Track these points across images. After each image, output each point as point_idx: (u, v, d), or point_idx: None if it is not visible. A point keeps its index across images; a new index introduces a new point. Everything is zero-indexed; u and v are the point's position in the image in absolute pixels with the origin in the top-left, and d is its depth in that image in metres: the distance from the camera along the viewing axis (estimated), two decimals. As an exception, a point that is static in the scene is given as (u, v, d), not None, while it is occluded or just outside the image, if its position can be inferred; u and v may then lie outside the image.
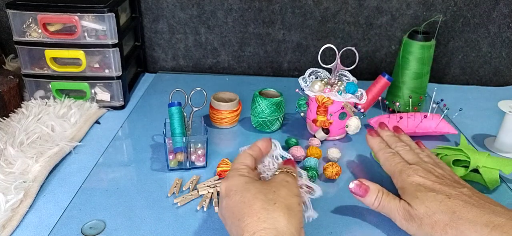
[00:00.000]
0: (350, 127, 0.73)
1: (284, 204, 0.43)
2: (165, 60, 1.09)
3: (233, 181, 0.47)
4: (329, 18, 1.01)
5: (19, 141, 0.69)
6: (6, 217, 0.54)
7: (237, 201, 0.44)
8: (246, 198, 0.44)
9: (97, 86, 0.86)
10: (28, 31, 0.80)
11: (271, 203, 0.42)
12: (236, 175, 0.48)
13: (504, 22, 0.99)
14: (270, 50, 1.06)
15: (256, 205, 0.42)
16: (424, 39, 0.81)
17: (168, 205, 0.59)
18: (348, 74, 0.76)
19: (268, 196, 0.43)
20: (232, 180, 0.47)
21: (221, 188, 0.48)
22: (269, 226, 0.40)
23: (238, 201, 0.44)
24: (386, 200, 0.52)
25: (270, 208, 0.42)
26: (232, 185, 0.47)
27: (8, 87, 0.80)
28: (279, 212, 0.41)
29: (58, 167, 0.67)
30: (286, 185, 0.46)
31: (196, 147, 0.66)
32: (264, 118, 0.76)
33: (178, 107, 0.67)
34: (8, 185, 0.58)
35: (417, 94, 0.84)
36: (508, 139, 0.73)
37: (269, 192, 0.44)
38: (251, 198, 0.43)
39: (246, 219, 0.41)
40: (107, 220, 0.55)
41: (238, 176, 0.48)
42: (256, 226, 0.40)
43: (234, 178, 0.47)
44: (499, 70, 1.05)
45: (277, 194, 0.44)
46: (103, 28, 0.80)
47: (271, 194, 0.44)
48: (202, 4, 1.00)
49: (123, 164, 0.68)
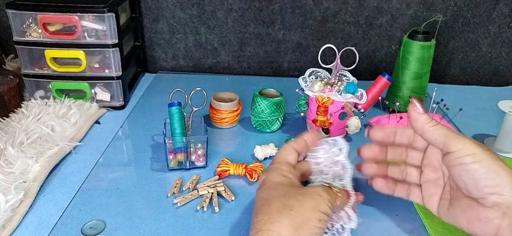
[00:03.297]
0: (350, 127, 0.73)
1: (300, 215, 0.41)
2: (165, 60, 1.09)
3: (271, 176, 0.48)
4: (329, 18, 1.01)
5: (19, 141, 0.69)
6: (6, 217, 0.54)
7: (264, 196, 0.45)
8: (270, 196, 0.44)
9: (97, 86, 0.86)
10: (28, 31, 0.80)
11: (287, 208, 0.42)
12: (276, 172, 0.48)
13: (504, 22, 0.99)
14: (270, 50, 1.06)
15: (273, 206, 0.42)
16: (424, 39, 0.81)
17: (168, 205, 0.59)
18: (348, 74, 0.76)
19: (288, 201, 0.42)
20: (270, 176, 0.48)
21: (261, 178, 0.49)
22: (274, 229, 0.40)
23: (264, 196, 0.45)
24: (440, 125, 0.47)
25: (284, 213, 0.41)
26: (268, 180, 0.47)
27: (8, 87, 0.80)
28: (289, 220, 0.41)
29: (58, 167, 0.67)
30: (316, 199, 0.43)
31: (196, 147, 0.66)
32: (264, 118, 0.76)
33: (178, 107, 0.67)
34: (8, 185, 0.58)
35: (417, 94, 0.84)
36: (508, 139, 0.73)
37: (292, 198, 0.43)
38: (273, 198, 0.44)
39: (260, 215, 0.42)
40: (107, 220, 0.55)
41: (277, 174, 0.48)
42: (263, 225, 0.40)
43: (273, 174, 0.48)
44: (499, 70, 1.05)
45: (299, 203, 0.42)
46: (103, 28, 0.80)
47: (293, 200, 0.43)
48: (202, 4, 1.00)
49: (123, 164, 0.68)
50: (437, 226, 0.55)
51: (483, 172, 0.42)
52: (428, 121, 0.47)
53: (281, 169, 0.48)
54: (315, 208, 0.42)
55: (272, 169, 0.49)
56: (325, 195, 0.44)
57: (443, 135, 0.45)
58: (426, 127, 0.47)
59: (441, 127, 0.46)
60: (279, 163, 0.50)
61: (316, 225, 0.42)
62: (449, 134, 0.45)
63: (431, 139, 0.47)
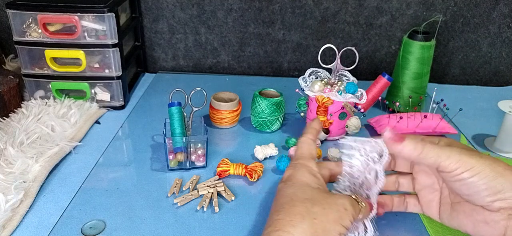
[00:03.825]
0: (350, 127, 0.73)
1: (322, 225, 0.40)
2: (165, 60, 1.09)
3: (299, 174, 0.45)
4: (329, 18, 1.01)
5: (19, 141, 0.69)
6: (6, 217, 0.54)
7: (288, 194, 0.43)
8: (295, 196, 0.42)
9: (97, 86, 0.86)
10: (28, 31, 0.80)
11: (311, 216, 0.40)
12: (304, 170, 0.46)
13: (504, 22, 0.99)
14: (270, 50, 1.06)
15: (297, 208, 0.41)
16: (424, 39, 0.81)
17: (168, 205, 0.59)
18: (348, 74, 0.76)
19: (314, 208, 0.41)
20: (298, 173, 0.45)
21: (285, 172, 0.47)
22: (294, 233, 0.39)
23: (289, 194, 0.43)
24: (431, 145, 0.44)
25: (307, 220, 0.40)
26: (295, 177, 0.45)
27: (8, 87, 0.80)
28: (311, 228, 0.39)
29: (58, 167, 0.67)
30: (341, 212, 0.41)
31: (196, 147, 0.66)
32: (264, 118, 0.76)
33: (178, 107, 0.67)
34: (8, 185, 0.58)
35: (417, 94, 0.84)
36: (508, 139, 0.73)
37: (318, 206, 0.41)
38: (299, 199, 0.42)
39: (281, 214, 0.41)
40: (107, 220, 0.55)
41: (305, 172, 0.46)
42: (283, 226, 0.39)
43: (300, 172, 0.46)
44: (499, 70, 1.05)
45: (324, 212, 0.41)
46: (103, 28, 0.80)
47: (318, 208, 0.41)
48: (202, 4, 1.00)
49: (123, 164, 0.68)
50: (437, 226, 0.55)
51: (483, 184, 0.41)
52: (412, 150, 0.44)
53: (308, 167, 0.46)
54: (338, 221, 0.41)
55: (299, 165, 0.46)
56: (351, 209, 0.42)
57: (435, 158, 0.43)
58: (414, 157, 0.44)
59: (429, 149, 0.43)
60: (305, 159, 0.47)
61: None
62: (440, 153, 0.43)
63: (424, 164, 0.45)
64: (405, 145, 0.44)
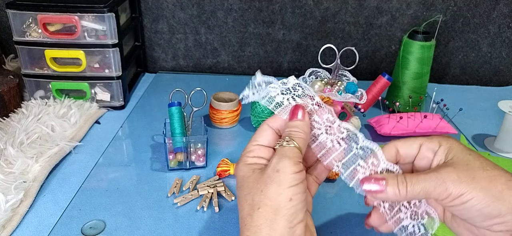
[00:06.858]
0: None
1: (268, 208, 0.37)
2: (165, 60, 1.09)
3: (238, 171, 0.41)
4: (329, 18, 1.01)
5: (19, 141, 0.69)
6: (6, 217, 0.54)
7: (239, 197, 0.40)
8: (239, 199, 0.40)
9: (97, 86, 0.86)
10: (28, 31, 0.80)
11: (255, 208, 0.37)
12: (241, 163, 0.41)
13: (504, 22, 0.99)
14: (270, 50, 1.06)
15: (244, 211, 0.39)
16: (424, 39, 0.81)
17: (168, 205, 0.59)
18: (348, 74, 0.76)
19: (255, 199, 0.38)
20: (237, 170, 0.41)
21: None
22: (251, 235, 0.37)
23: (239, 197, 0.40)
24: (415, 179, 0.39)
25: (254, 215, 0.37)
26: (237, 175, 0.41)
27: (8, 87, 0.80)
28: (261, 219, 0.37)
29: (58, 167, 0.67)
30: (276, 178, 0.37)
31: (196, 147, 0.66)
32: (264, 118, 0.76)
33: (178, 107, 0.67)
34: (8, 185, 0.58)
35: (417, 94, 0.84)
36: (508, 139, 0.73)
37: (256, 193, 0.38)
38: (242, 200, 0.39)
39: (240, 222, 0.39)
40: (107, 220, 0.55)
41: (241, 164, 0.41)
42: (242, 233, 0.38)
43: (238, 167, 0.42)
44: (499, 70, 1.05)
45: (263, 194, 0.37)
46: (103, 28, 0.80)
47: (258, 195, 0.38)
48: (202, 4, 1.00)
49: (123, 164, 0.68)
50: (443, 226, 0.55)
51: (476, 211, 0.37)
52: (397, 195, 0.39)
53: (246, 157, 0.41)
54: (279, 189, 0.37)
55: (239, 162, 0.41)
56: (286, 162, 0.38)
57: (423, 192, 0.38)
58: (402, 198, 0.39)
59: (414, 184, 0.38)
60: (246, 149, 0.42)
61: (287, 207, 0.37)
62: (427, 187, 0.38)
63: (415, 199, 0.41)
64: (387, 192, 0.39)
